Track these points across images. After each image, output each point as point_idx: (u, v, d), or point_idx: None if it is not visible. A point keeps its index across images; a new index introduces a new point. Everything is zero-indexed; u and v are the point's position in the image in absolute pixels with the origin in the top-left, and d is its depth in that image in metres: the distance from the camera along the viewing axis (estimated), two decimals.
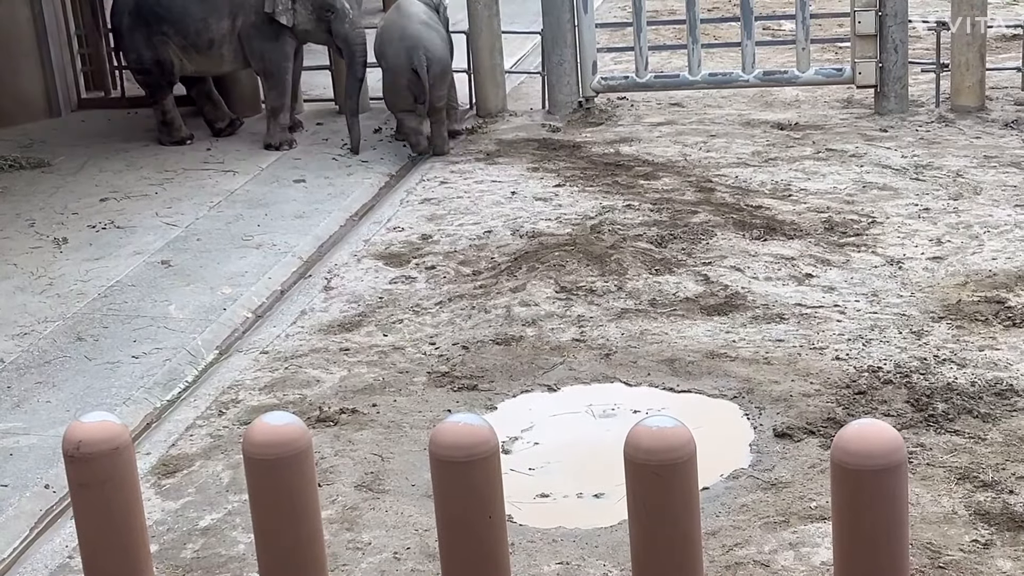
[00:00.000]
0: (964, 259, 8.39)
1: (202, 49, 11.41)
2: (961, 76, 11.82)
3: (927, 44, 13.07)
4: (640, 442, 3.39)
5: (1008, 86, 12.46)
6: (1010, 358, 6.90)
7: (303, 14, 11.25)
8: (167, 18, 11.30)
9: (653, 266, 8.47)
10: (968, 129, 11.33)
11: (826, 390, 6.68)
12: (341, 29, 11.27)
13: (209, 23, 11.29)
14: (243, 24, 11.29)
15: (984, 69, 11.89)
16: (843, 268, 8.39)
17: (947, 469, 5.83)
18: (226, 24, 11.31)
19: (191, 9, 11.29)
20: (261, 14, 11.22)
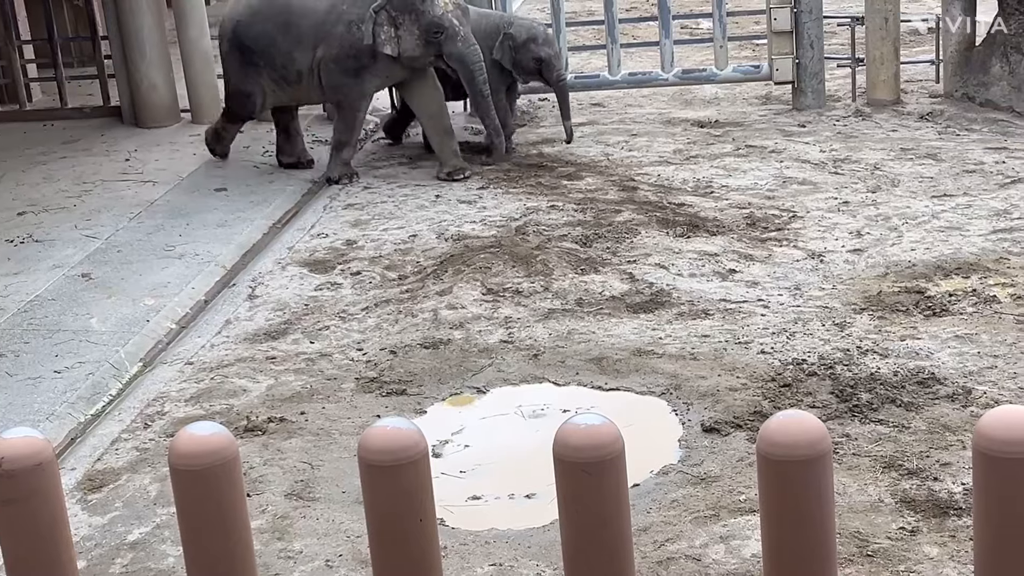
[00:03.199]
0: (884, 251, 8.51)
1: (292, 81, 10.80)
2: (876, 70, 12.00)
3: (843, 39, 13.26)
4: (569, 440, 3.40)
5: (923, 79, 12.68)
6: (931, 347, 7.01)
7: (409, 40, 10.45)
8: (256, 49, 10.74)
9: (579, 266, 8.50)
10: (884, 122, 11.50)
11: (752, 384, 6.74)
12: (454, 49, 10.50)
13: (295, 56, 10.66)
14: (323, 56, 10.60)
15: (899, 63, 12.09)
16: (766, 263, 8.47)
17: (873, 458, 5.91)
18: (310, 56, 10.64)
19: (278, 42, 10.68)
20: (345, 47, 10.53)
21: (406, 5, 10.45)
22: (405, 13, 10.42)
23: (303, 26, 10.63)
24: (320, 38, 10.58)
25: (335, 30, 10.54)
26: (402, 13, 10.43)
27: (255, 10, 10.81)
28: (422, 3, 10.44)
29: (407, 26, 10.41)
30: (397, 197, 10.39)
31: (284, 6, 10.71)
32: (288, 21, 10.66)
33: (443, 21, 10.43)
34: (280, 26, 10.67)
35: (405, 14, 10.42)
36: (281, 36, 10.68)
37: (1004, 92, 11.45)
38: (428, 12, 10.43)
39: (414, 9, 10.44)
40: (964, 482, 5.58)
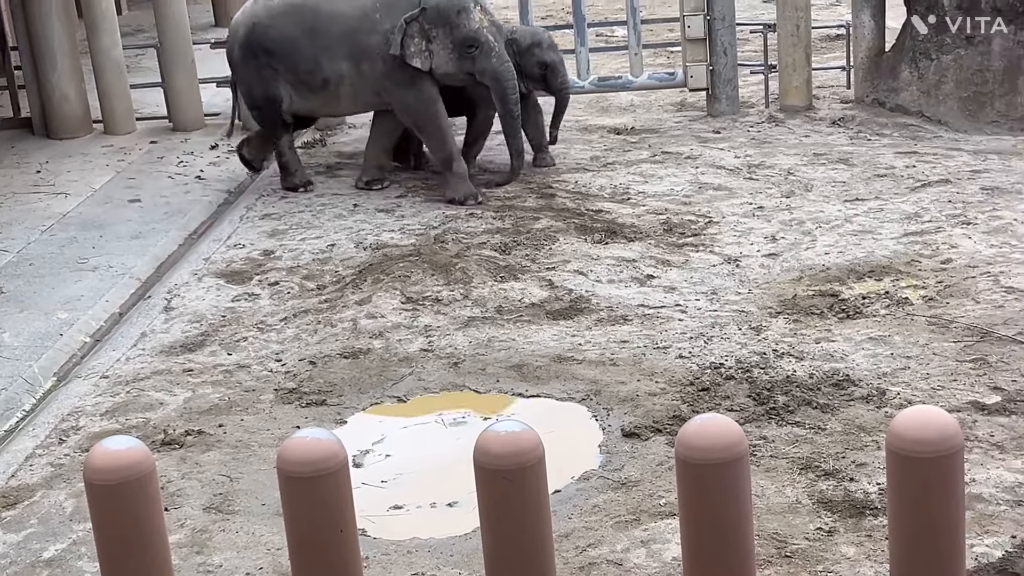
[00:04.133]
0: (798, 255, 8.62)
1: (316, 88, 10.24)
2: (789, 77, 12.16)
3: (755, 46, 13.41)
4: (489, 447, 3.41)
5: (834, 85, 12.86)
6: (845, 349, 7.10)
7: (442, 55, 9.93)
8: (275, 52, 10.20)
9: (498, 273, 8.51)
10: (797, 128, 11.66)
11: (671, 388, 6.79)
12: (488, 65, 9.97)
13: (321, 63, 10.12)
14: (371, 71, 10.08)
15: (810, 69, 12.26)
16: (683, 268, 8.55)
17: (790, 460, 5.97)
18: (345, 66, 10.10)
19: (301, 46, 10.14)
20: (389, 60, 9.99)
21: (441, 18, 9.96)
22: (440, 26, 9.91)
23: (332, 33, 10.11)
24: (356, 51, 10.06)
25: (370, 41, 10.03)
26: (436, 26, 9.90)
27: (275, 12, 10.29)
28: (457, 16, 9.95)
29: (440, 40, 9.91)
30: (315, 206, 10.33)
31: (312, 10, 10.17)
32: (314, 26, 10.15)
33: (479, 36, 9.91)
34: (306, 31, 10.15)
35: (439, 27, 9.91)
36: (306, 40, 10.14)
37: (914, 97, 11.65)
38: (464, 26, 9.90)
39: (449, 22, 9.91)
40: (879, 482, 5.66)
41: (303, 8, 10.21)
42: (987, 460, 5.82)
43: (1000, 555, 5.07)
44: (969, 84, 11.29)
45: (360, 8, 10.09)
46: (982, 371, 6.71)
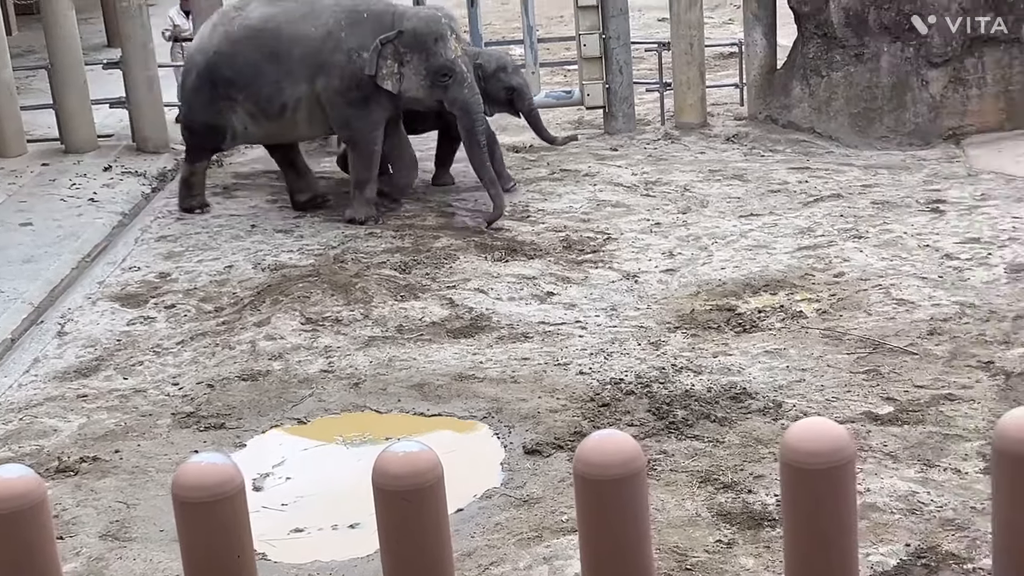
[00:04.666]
0: (695, 270, 8.72)
1: (272, 115, 10.04)
2: (683, 94, 12.32)
3: (651, 64, 13.56)
4: (387, 469, 3.39)
5: (728, 102, 13.05)
6: (742, 363, 7.20)
7: (413, 80, 9.80)
8: (237, 81, 9.97)
9: (398, 292, 8.49)
10: (693, 145, 11.80)
11: (572, 404, 6.82)
12: (460, 96, 9.87)
13: (283, 87, 9.92)
14: (325, 88, 9.90)
15: (704, 87, 12.42)
16: (582, 285, 8.60)
17: (689, 473, 6.03)
18: (303, 88, 9.92)
19: (264, 72, 9.93)
20: (347, 78, 9.82)
21: (417, 43, 9.82)
22: (415, 51, 9.81)
23: (295, 55, 9.93)
24: (317, 68, 9.88)
25: (334, 59, 9.85)
26: (411, 51, 9.81)
27: (236, 40, 10.05)
28: (435, 44, 9.81)
29: (414, 65, 9.78)
30: (212, 228, 10.22)
31: (272, 34, 9.98)
32: (277, 50, 9.96)
33: (454, 66, 9.80)
34: (268, 56, 9.95)
35: (415, 52, 9.80)
36: (269, 66, 9.94)
37: (805, 113, 11.86)
38: (440, 55, 9.81)
39: (426, 49, 9.83)
40: (776, 494, 5.73)
41: (264, 32, 10.00)
42: (881, 470, 5.92)
43: (895, 563, 5.16)
44: (859, 100, 11.53)
45: (324, 27, 9.95)
46: (875, 382, 6.84)
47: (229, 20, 10.16)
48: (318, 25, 9.91)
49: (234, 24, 10.08)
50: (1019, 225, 9.02)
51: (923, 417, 6.41)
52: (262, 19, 10.01)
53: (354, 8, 9.97)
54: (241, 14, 10.14)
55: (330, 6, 10.00)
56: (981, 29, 11.19)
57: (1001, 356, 7.02)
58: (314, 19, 9.93)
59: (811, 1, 11.57)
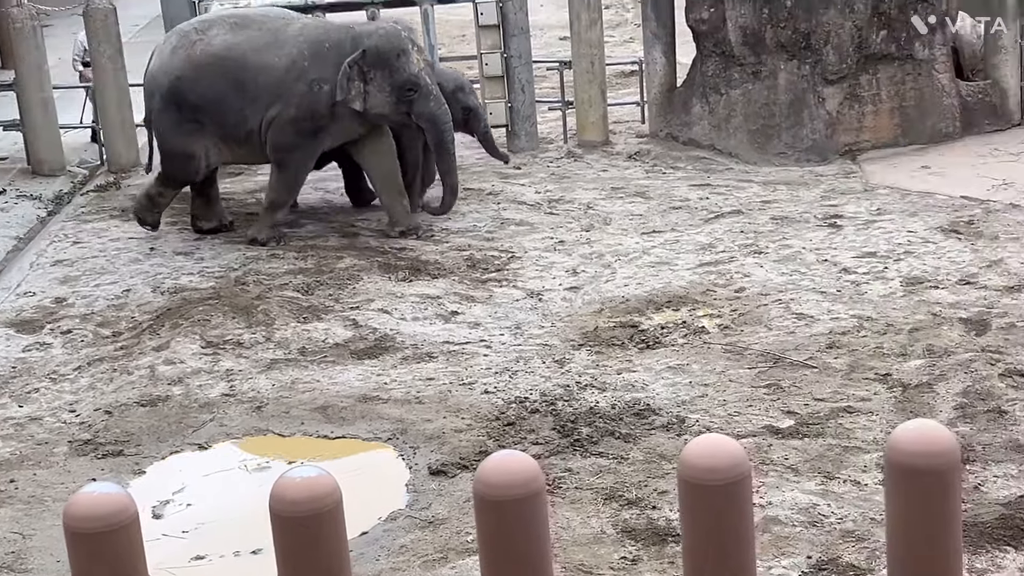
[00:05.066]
0: (599, 287, 8.76)
1: (240, 141, 9.96)
2: (585, 112, 12.38)
3: (553, 83, 13.61)
4: (285, 494, 3.35)
5: (629, 120, 13.14)
6: (646, 379, 7.24)
7: (378, 97, 9.72)
8: (203, 107, 9.85)
9: (301, 314, 8.42)
10: (595, 163, 11.87)
11: (477, 424, 6.81)
12: (426, 109, 9.84)
13: (247, 115, 9.83)
14: (279, 114, 9.79)
15: (606, 105, 12.51)
16: (487, 304, 8.60)
17: (594, 491, 6.04)
18: (268, 116, 9.85)
19: (229, 99, 9.82)
20: (304, 108, 9.76)
21: (380, 60, 9.75)
22: (378, 68, 9.72)
23: (259, 83, 9.81)
24: (277, 96, 9.79)
25: (295, 88, 9.77)
26: (375, 68, 9.74)
27: (200, 64, 9.89)
28: (397, 59, 9.75)
29: (378, 82, 9.71)
30: (109, 251, 10.05)
31: (238, 61, 9.84)
32: (242, 78, 9.82)
33: (419, 79, 9.77)
34: (233, 83, 9.82)
35: (378, 69, 9.72)
36: (234, 93, 9.82)
37: (705, 131, 11.99)
38: (404, 69, 9.75)
39: (389, 65, 9.74)
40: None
41: (228, 60, 9.87)
42: (782, 483, 5.98)
43: None
44: (757, 117, 11.68)
45: (288, 57, 9.85)
46: (776, 396, 6.92)
47: (191, 44, 10.00)
48: (282, 55, 9.85)
49: (196, 48, 9.95)
50: (914, 239, 9.19)
51: (823, 430, 6.49)
52: (226, 46, 9.90)
53: (317, 39, 9.91)
54: (203, 39, 9.99)
55: (294, 36, 9.92)
56: (875, 47, 11.40)
57: (898, 368, 7.13)
58: (278, 48, 9.88)
59: (709, 20, 11.71)
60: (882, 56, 11.48)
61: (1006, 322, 7.64)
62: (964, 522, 5.27)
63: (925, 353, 7.29)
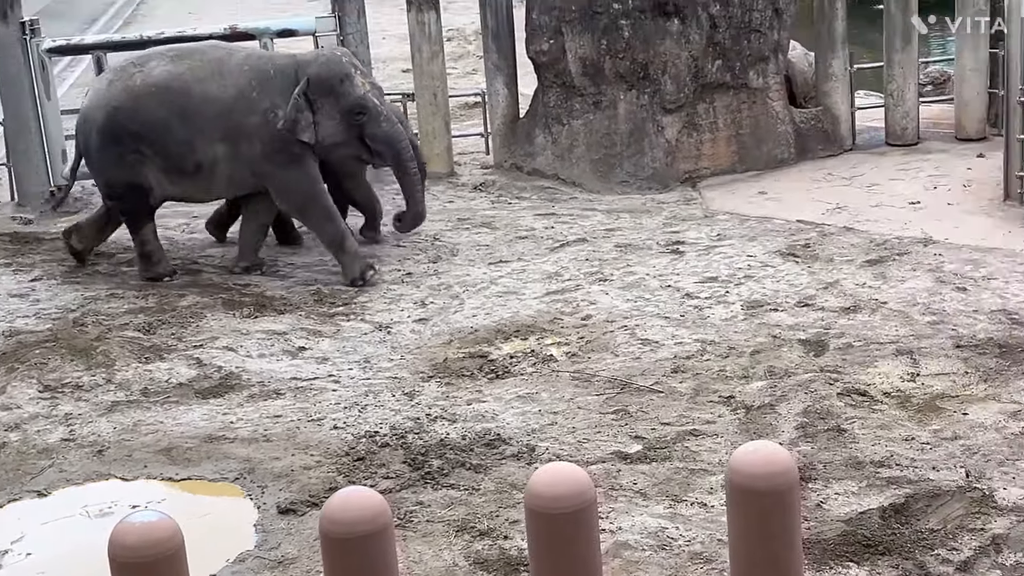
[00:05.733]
0: (447, 318, 8.76)
1: (188, 172, 9.58)
2: (430, 144, 12.40)
3: None
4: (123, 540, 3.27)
5: (474, 151, 13.21)
6: (496, 409, 7.26)
7: (329, 125, 9.51)
8: (145, 136, 9.50)
9: (143, 354, 8.24)
10: (441, 194, 11.88)
11: (326, 460, 6.74)
12: (378, 130, 9.66)
13: (195, 145, 9.48)
14: (250, 156, 9.52)
15: (450, 136, 12.55)
16: (335, 338, 8.53)
17: (446, 523, 6.03)
18: (219, 149, 9.50)
19: (174, 129, 9.48)
20: (268, 141, 9.47)
21: (325, 87, 9.53)
22: (324, 96, 9.53)
23: (206, 114, 9.47)
24: (233, 131, 9.50)
25: (249, 121, 9.49)
26: (320, 96, 9.51)
27: (139, 94, 9.54)
28: (341, 84, 9.54)
29: (326, 110, 9.52)
30: None
31: (181, 91, 9.50)
32: (186, 107, 9.48)
33: (366, 101, 9.59)
34: (176, 113, 9.47)
35: (324, 97, 9.53)
36: (178, 122, 9.47)
37: (549, 161, 12.11)
38: (349, 93, 9.55)
39: (334, 91, 9.54)
40: None
41: (170, 89, 9.55)
42: (632, 508, 6.05)
43: None
44: (599, 147, 11.84)
45: (235, 87, 9.55)
46: (624, 421, 7.00)
47: (128, 76, 9.70)
48: (227, 86, 9.56)
49: (135, 79, 9.65)
50: (753, 263, 9.41)
51: (670, 454, 6.58)
52: (168, 76, 9.60)
53: (261, 67, 9.67)
54: (142, 70, 9.69)
55: (238, 65, 9.65)
56: (711, 76, 11.66)
57: (741, 390, 7.28)
58: (222, 79, 9.59)
59: (549, 51, 11.85)
60: (718, 85, 11.75)
61: (843, 342, 7.86)
62: (806, 540, 5.40)
63: (766, 375, 7.45)
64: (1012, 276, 8.78)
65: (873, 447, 6.50)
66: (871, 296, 8.59)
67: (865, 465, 6.31)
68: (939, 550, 5.53)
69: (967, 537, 5.62)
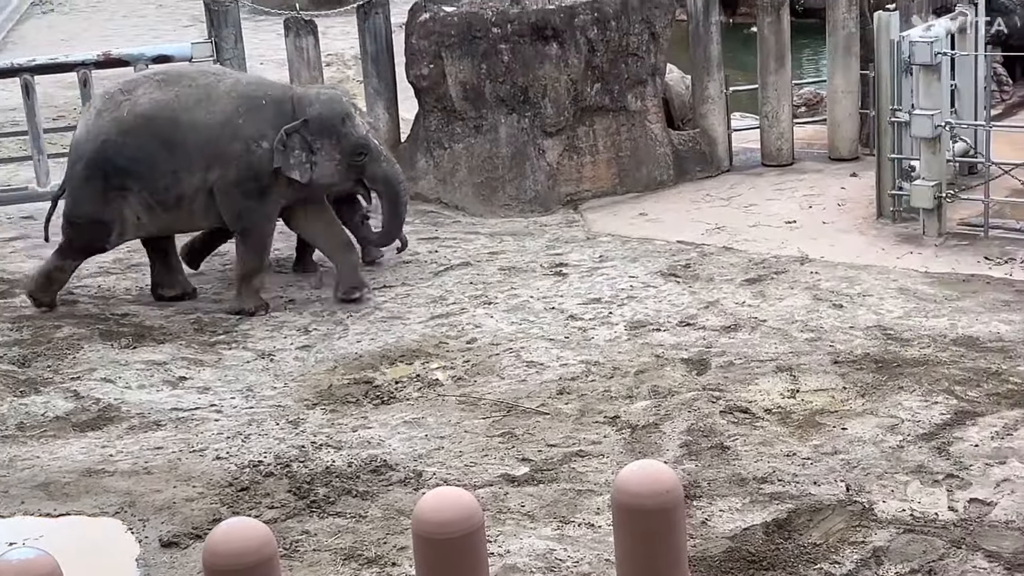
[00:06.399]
0: (331, 345, 8.70)
1: (169, 206, 9.32)
2: None
3: None
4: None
5: None
6: (382, 435, 7.21)
7: (328, 166, 9.32)
8: (132, 171, 9.21)
9: (17, 388, 8.04)
10: None
11: (209, 492, 6.64)
12: (378, 170, 9.56)
13: (180, 177, 9.23)
14: (220, 178, 9.26)
15: None
16: (216, 367, 8.41)
17: (333, 552, 5.97)
18: (199, 178, 9.26)
19: (160, 162, 9.21)
20: (243, 169, 9.23)
21: (326, 129, 9.28)
22: (325, 137, 9.28)
23: (191, 143, 9.19)
24: (213, 157, 9.25)
25: (231, 148, 9.23)
26: (320, 137, 9.26)
27: (127, 127, 9.23)
28: (343, 124, 9.31)
29: (326, 151, 9.31)
30: None
31: (168, 121, 9.21)
32: (172, 138, 9.19)
33: (367, 142, 9.46)
34: (163, 144, 9.19)
35: (324, 138, 9.28)
36: (165, 155, 9.19)
37: (431, 185, 12.10)
38: (352, 134, 9.33)
39: (335, 132, 9.31)
40: None
41: (158, 120, 9.25)
42: (520, 530, 6.05)
43: None
44: (481, 171, 11.87)
45: (222, 114, 9.26)
46: (510, 444, 7.01)
47: (116, 105, 9.37)
48: (214, 112, 9.26)
49: (123, 110, 9.33)
50: (636, 284, 9.50)
51: (557, 475, 6.60)
52: (155, 105, 9.29)
53: (252, 94, 9.39)
54: (129, 99, 9.37)
55: (227, 92, 9.36)
56: (590, 99, 11.77)
57: (626, 410, 7.34)
58: (210, 105, 9.29)
59: (429, 76, 11.85)
60: (597, 108, 11.86)
61: (724, 360, 7.96)
62: (692, 557, 5.46)
63: (650, 394, 7.53)
64: (886, 292, 8.99)
65: (756, 463, 6.59)
66: (751, 314, 8.73)
67: (748, 481, 6.40)
68: (822, 564, 5.62)
69: (848, 550, 5.72)
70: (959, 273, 9.31)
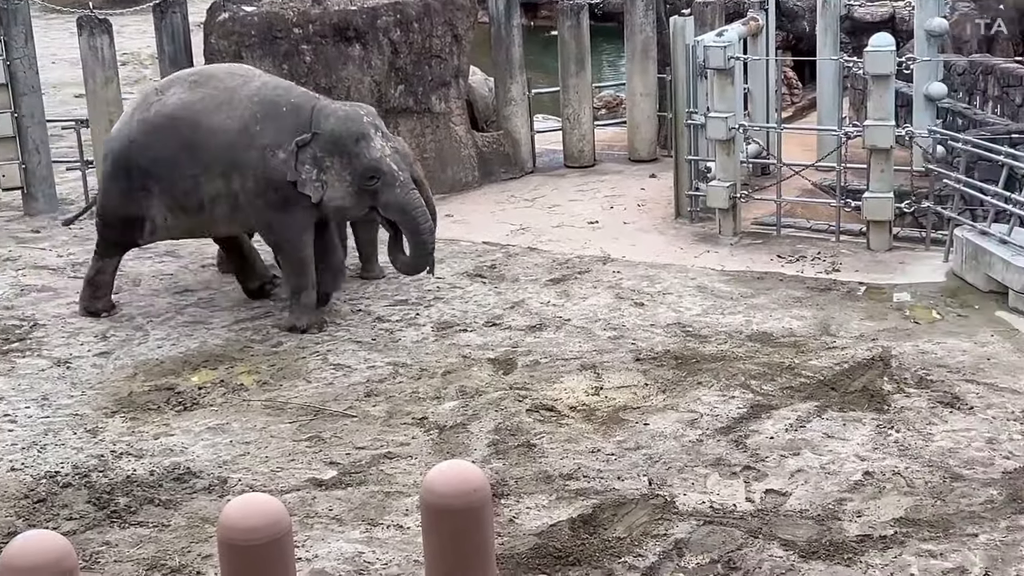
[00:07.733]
0: (131, 351, 8.49)
1: (191, 210, 8.89)
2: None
3: (70, 142, 13.10)
4: None
5: None
6: (185, 442, 7.08)
7: (338, 187, 8.62)
8: (153, 173, 8.84)
9: None
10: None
11: (4, 504, 6.41)
12: (392, 198, 8.64)
13: (200, 181, 8.76)
14: (242, 189, 8.72)
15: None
16: (9, 376, 8.13)
17: (135, 562, 5.83)
18: (219, 184, 8.73)
19: (181, 165, 8.75)
20: (261, 179, 8.65)
21: (337, 146, 8.60)
22: (335, 155, 8.61)
23: (211, 147, 8.64)
24: (231, 165, 8.71)
25: (247, 157, 8.63)
26: (330, 155, 8.60)
27: (152, 128, 8.76)
28: (356, 144, 8.59)
29: (336, 170, 8.64)
30: None
31: (189, 124, 8.69)
32: (193, 141, 8.66)
33: (381, 165, 8.62)
34: (184, 147, 8.68)
35: (335, 156, 8.61)
36: (185, 158, 8.70)
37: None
38: (364, 155, 8.59)
39: (347, 151, 8.60)
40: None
41: (181, 121, 8.77)
42: (328, 534, 6.01)
43: None
44: None
45: (240, 120, 8.71)
46: (318, 448, 6.95)
47: (147, 106, 8.94)
48: (234, 117, 8.73)
49: (151, 111, 8.88)
50: (443, 285, 9.54)
51: (365, 478, 6.58)
52: (180, 107, 8.82)
53: (273, 100, 8.81)
54: (159, 100, 8.92)
55: (248, 96, 8.82)
56: (394, 101, 11.76)
57: (434, 411, 7.36)
58: (230, 110, 8.76)
59: None
60: (402, 110, 11.86)
61: (530, 360, 8.06)
62: (500, 555, 5.51)
63: (458, 395, 7.57)
64: (684, 290, 9.23)
65: (562, 460, 6.69)
66: (555, 314, 8.86)
67: (554, 478, 6.50)
68: (626, 557, 5.74)
69: (651, 543, 5.86)
70: (753, 271, 9.62)
